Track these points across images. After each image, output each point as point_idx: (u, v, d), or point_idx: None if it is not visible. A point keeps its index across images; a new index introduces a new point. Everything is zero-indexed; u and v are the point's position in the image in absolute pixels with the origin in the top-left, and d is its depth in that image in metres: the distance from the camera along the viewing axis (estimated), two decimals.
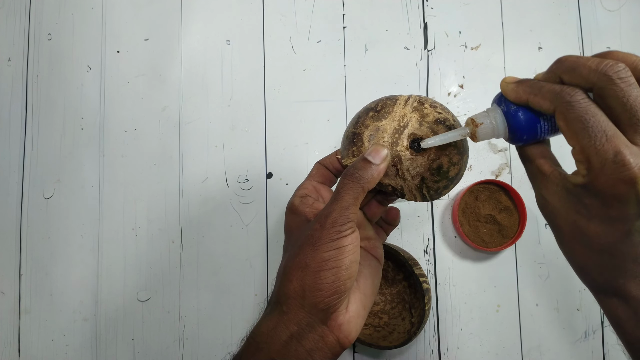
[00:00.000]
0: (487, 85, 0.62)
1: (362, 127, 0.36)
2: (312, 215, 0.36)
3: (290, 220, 0.38)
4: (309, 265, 0.32)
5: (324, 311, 0.32)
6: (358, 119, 0.37)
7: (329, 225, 0.32)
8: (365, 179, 0.33)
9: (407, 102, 0.36)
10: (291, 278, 0.32)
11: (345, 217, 0.32)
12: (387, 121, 0.36)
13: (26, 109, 0.64)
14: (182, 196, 0.62)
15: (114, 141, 0.63)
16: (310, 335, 0.32)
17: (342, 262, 0.32)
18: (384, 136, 0.35)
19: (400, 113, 0.36)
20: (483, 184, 0.58)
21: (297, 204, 0.37)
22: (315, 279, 0.31)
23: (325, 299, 0.31)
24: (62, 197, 0.63)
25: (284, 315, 0.32)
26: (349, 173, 0.33)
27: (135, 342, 0.60)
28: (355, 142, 0.36)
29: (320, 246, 0.32)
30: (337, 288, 0.32)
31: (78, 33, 0.65)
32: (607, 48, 0.63)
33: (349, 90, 0.63)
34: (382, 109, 0.36)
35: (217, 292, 0.60)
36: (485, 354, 0.59)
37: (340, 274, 0.31)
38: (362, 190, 0.33)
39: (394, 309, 0.59)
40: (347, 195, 0.33)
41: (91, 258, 0.61)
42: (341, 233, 0.32)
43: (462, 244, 0.60)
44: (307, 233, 0.33)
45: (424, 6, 0.64)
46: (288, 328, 0.32)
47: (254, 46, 0.64)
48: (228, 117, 0.63)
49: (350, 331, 0.33)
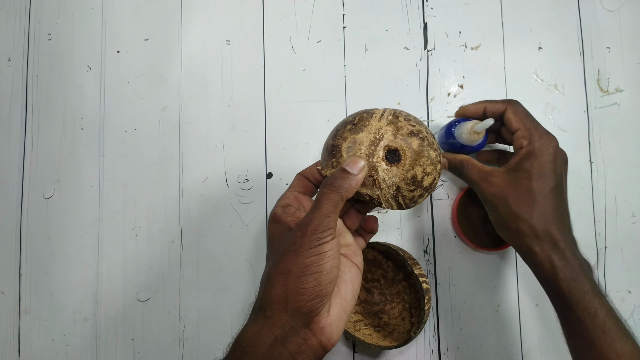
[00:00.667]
0: (487, 85, 0.62)
1: (340, 139, 0.39)
2: (293, 223, 0.37)
3: (273, 229, 0.39)
4: (292, 271, 0.33)
5: (307, 315, 0.33)
6: (337, 131, 0.40)
7: (310, 232, 0.33)
8: (344, 188, 0.35)
9: (383, 115, 0.39)
10: (274, 284, 0.34)
11: (325, 224, 0.34)
12: (364, 134, 0.38)
13: (26, 109, 0.64)
14: (182, 196, 0.62)
15: (114, 141, 0.63)
16: (293, 339, 0.33)
17: (323, 267, 0.33)
18: (361, 148, 0.37)
19: (376, 126, 0.38)
20: None
21: (279, 213, 0.39)
22: (297, 283, 0.33)
23: (308, 302, 0.33)
24: (62, 197, 0.63)
25: (268, 319, 0.34)
26: (328, 182, 0.35)
27: (135, 342, 0.60)
28: (334, 153, 0.38)
29: (302, 252, 0.33)
30: (318, 292, 0.33)
31: (78, 33, 0.65)
32: (607, 48, 0.63)
33: (349, 90, 0.63)
34: (359, 122, 0.39)
35: (217, 292, 0.60)
36: (485, 354, 0.59)
37: (321, 278, 0.33)
38: (341, 199, 0.35)
39: (394, 309, 0.59)
40: (326, 204, 0.34)
41: (91, 258, 0.61)
42: (322, 240, 0.33)
43: (462, 244, 0.60)
44: (289, 240, 0.35)
45: (424, 6, 0.64)
46: (272, 332, 0.33)
47: (254, 46, 0.64)
48: (228, 117, 0.63)
49: (332, 334, 0.34)
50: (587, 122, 0.62)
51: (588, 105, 0.62)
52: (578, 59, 0.63)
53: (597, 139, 0.62)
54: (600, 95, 0.62)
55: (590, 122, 0.62)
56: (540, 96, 0.62)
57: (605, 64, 0.63)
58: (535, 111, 0.62)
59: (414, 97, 0.62)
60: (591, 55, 0.63)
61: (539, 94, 0.62)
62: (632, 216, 0.61)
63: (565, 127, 0.62)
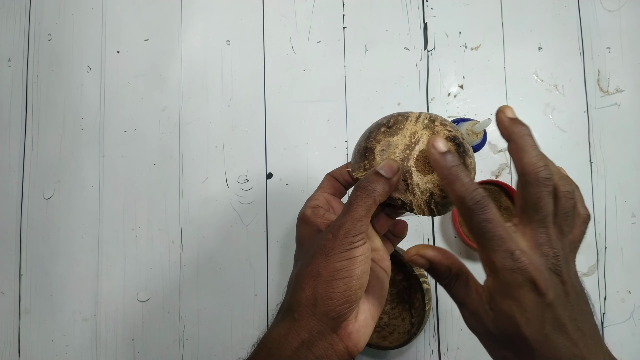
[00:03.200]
0: (487, 85, 0.62)
1: (374, 141, 0.38)
2: (323, 225, 0.37)
3: (302, 230, 0.38)
4: (322, 274, 0.33)
5: (335, 319, 0.33)
6: (370, 133, 0.39)
7: (341, 236, 0.33)
8: (377, 192, 0.34)
9: (418, 119, 0.38)
10: (303, 286, 0.33)
11: (357, 228, 0.33)
12: (399, 137, 0.37)
13: (26, 109, 0.64)
14: (182, 196, 0.62)
15: (114, 141, 0.63)
16: (320, 343, 0.33)
17: (354, 272, 0.33)
18: (395, 151, 0.37)
19: (411, 130, 0.37)
20: (483, 184, 0.58)
21: (308, 214, 0.38)
22: (327, 287, 0.32)
23: (337, 307, 0.32)
24: (62, 198, 0.63)
25: (295, 322, 0.33)
26: (361, 185, 0.35)
27: (135, 342, 0.60)
28: (367, 156, 0.38)
29: (333, 256, 0.33)
30: (348, 297, 0.33)
31: (78, 33, 0.65)
32: (607, 48, 0.63)
33: (349, 90, 0.63)
34: (394, 125, 0.38)
35: (217, 292, 0.60)
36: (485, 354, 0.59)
37: (351, 283, 0.32)
38: (373, 203, 0.34)
39: (394, 309, 0.59)
40: (359, 207, 0.34)
41: (91, 258, 0.61)
42: (353, 244, 0.33)
43: (462, 244, 0.60)
44: (319, 243, 0.34)
45: (424, 6, 0.64)
46: (299, 335, 0.33)
47: (254, 46, 0.64)
48: (228, 117, 0.63)
49: (359, 340, 0.34)
50: (587, 122, 0.62)
51: (588, 105, 0.62)
52: (578, 59, 0.63)
53: (597, 139, 0.62)
54: (600, 95, 0.62)
55: (591, 122, 0.62)
56: (540, 96, 0.62)
57: (605, 64, 0.63)
58: (535, 111, 0.62)
59: (414, 97, 0.62)
60: (591, 56, 0.63)
61: (539, 94, 0.62)
62: (632, 216, 0.61)
63: (565, 127, 0.62)
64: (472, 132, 0.56)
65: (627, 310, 0.60)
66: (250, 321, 0.60)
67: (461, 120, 0.60)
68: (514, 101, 0.62)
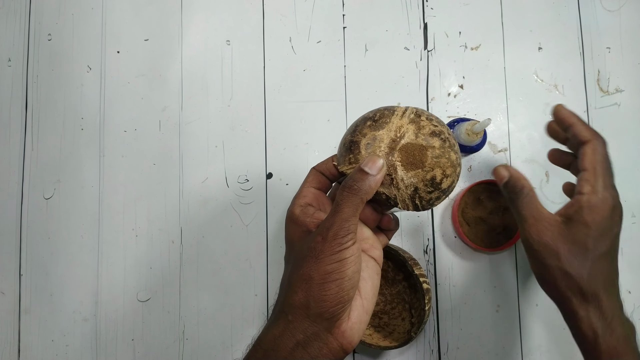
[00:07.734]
0: (487, 85, 0.62)
1: (359, 135, 0.38)
2: (313, 225, 0.37)
3: (292, 231, 0.38)
4: (313, 278, 0.33)
5: (329, 320, 0.33)
6: (356, 127, 0.38)
7: (330, 238, 0.33)
8: (364, 191, 0.34)
9: (405, 113, 0.38)
10: (296, 289, 0.34)
11: (345, 229, 0.33)
12: (384, 131, 0.37)
13: (26, 109, 0.64)
14: (182, 196, 0.62)
15: (114, 141, 0.63)
16: (315, 343, 0.33)
17: (345, 274, 0.33)
18: (380, 145, 0.36)
19: (397, 124, 0.37)
20: (483, 184, 0.58)
21: (297, 213, 0.38)
22: (319, 290, 0.33)
23: (330, 309, 0.33)
24: (62, 198, 0.63)
25: (290, 324, 0.34)
26: (347, 185, 0.35)
27: (135, 342, 0.60)
28: (352, 149, 0.37)
29: (323, 259, 0.33)
30: (340, 298, 0.33)
31: (78, 33, 0.65)
32: (607, 48, 0.63)
33: (349, 90, 0.63)
34: (380, 119, 0.38)
35: (217, 292, 0.60)
36: (485, 354, 0.59)
37: (343, 284, 0.33)
38: (360, 202, 0.34)
39: (394, 309, 0.59)
40: (346, 207, 0.34)
41: (91, 258, 0.61)
42: (342, 245, 0.33)
43: (462, 244, 0.60)
44: (309, 245, 0.34)
45: (424, 6, 0.64)
46: (294, 336, 0.33)
47: (254, 46, 0.64)
48: (228, 117, 0.63)
49: (353, 337, 0.34)
50: (587, 122, 0.62)
51: (588, 105, 0.62)
52: (578, 59, 0.63)
53: None
54: (600, 95, 0.62)
55: (591, 122, 0.62)
56: (540, 96, 0.62)
57: (605, 64, 0.63)
58: (535, 111, 0.62)
59: (414, 97, 0.62)
60: (591, 56, 0.63)
61: (539, 94, 0.62)
62: (632, 216, 0.61)
63: None
64: (472, 132, 0.56)
65: (627, 310, 0.60)
66: (250, 321, 0.60)
67: (461, 120, 0.60)
68: (513, 101, 0.62)
